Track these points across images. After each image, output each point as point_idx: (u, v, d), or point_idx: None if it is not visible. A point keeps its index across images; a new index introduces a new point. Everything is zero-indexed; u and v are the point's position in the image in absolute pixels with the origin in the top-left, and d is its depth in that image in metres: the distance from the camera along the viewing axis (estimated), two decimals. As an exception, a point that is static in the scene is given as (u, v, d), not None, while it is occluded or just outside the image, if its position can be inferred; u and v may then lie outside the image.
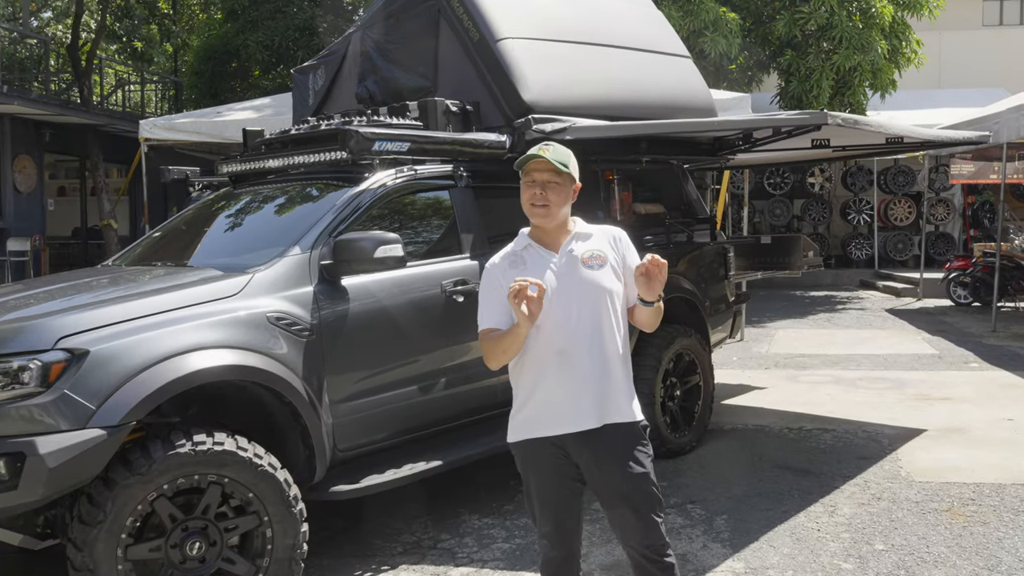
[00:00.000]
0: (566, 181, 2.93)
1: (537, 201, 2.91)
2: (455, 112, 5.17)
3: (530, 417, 2.97)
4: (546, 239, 2.97)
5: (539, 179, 2.90)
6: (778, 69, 15.96)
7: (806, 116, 4.88)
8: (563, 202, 2.93)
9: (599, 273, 2.91)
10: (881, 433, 6.34)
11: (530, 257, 2.97)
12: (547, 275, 2.90)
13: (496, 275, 2.97)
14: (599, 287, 2.90)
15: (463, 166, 5.03)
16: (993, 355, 9.11)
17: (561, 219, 2.96)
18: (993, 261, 12.37)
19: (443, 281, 4.63)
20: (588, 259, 2.92)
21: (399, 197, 4.74)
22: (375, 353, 4.34)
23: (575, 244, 2.95)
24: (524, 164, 2.93)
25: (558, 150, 2.93)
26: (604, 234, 3.02)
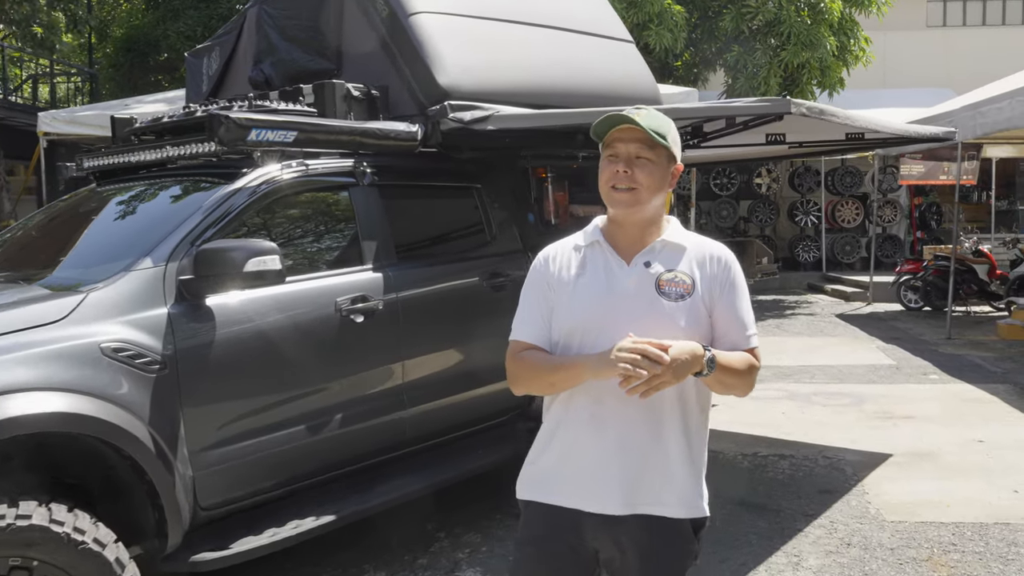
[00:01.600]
0: (662, 158, 2.19)
1: (620, 183, 2.17)
2: (358, 97, 4.40)
3: (547, 474, 2.27)
4: (622, 239, 2.24)
5: (624, 152, 2.17)
6: (724, 66, 15.47)
7: (767, 104, 4.23)
8: (656, 187, 2.19)
9: (677, 307, 2.15)
10: (843, 460, 5.72)
11: (592, 259, 2.24)
12: (601, 291, 2.19)
13: (546, 272, 2.27)
14: (671, 328, 2.12)
15: (367, 161, 4.27)
16: (952, 365, 8.60)
17: (651, 213, 2.22)
18: (944, 265, 11.97)
19: (338, 298, 3.87)
20: (667, 283, 2.17)
21: (285, 197, 3.95)
22: (249, 388, 3.56)
23: (656, 257, 2.21)
24: (604, 130, 2.19)
25: (653, 115, 2.20)
26: (702, 251, 2.23)
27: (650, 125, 2.15)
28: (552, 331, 2.23)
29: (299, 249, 4.03)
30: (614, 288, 2.18)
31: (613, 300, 2.17)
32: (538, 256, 2.31)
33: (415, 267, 4.30)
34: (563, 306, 2.21)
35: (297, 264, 3.91)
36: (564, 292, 2.21)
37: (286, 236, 4.01)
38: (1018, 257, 11.96)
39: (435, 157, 4.62)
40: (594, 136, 2.23)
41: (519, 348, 2.25)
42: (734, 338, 2.20)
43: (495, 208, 4.83)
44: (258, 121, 3.69)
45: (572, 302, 2.20)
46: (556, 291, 2.23)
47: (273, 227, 3.94)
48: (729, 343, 2.20)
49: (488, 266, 4.61)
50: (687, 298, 2.16)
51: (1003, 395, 7.33)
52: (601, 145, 2.23)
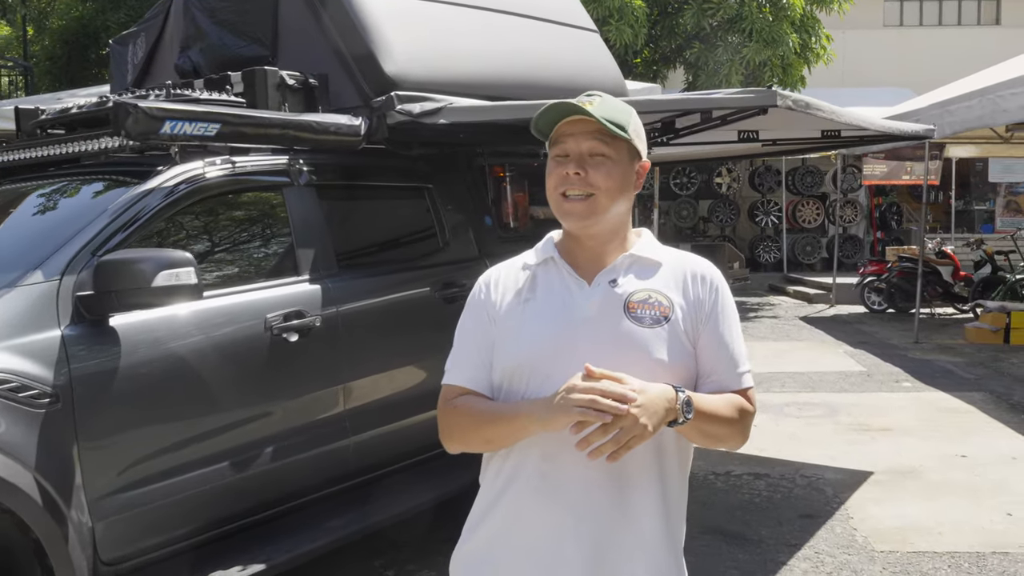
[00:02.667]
0: (623, 155, 1.76)
1: (572, 188, 1.73)
2: (293, 86, 3.91)
3: (484, 556, 1.79)
4: (581, 255, 1.80)
5: (575, 150, 1.74)
6: (685, 63, 15.18)
7: (751, 96, 3.82)
8: (618, 190, 1.75)
9: (653, 335, 1.71)
10: (822, 479, 5.36)
11: (544, 280, 1.80)
12: (555, 318, 1.75)
13: (487, 300, 1.82)
14: (645, 361, 1.70)
15: (303, 158, 3.79)
16: (924, 372, 8.32)
17: (613, 223, 1.78)
18: (908, 266, 11.77)
19: (268, 315, 3.39)
20: (639, 305, 1.73)
21: (208, 200, 3.46)
22: (162, 421, 3.07)
23: (625, 274, 1.77)
24: (549, 124, 1.76)
25: (609, 103, 1.77)
26: (681, 268, 1.81)
27: (606, 115, 1.72)
28: (494, 372, 1.78)
29: (223, 259, 3.54)
30: (572, 313, 1.73)
31: (570, 328, 1.72)
32: (478, 281, 1.86)
33: (358, 277, 3.83)
34: (508, 339, 1.76)
35: (221, 276, 3.42)
36: (509, 323, 1.77)
37: (208, 244, 3.52)
38: (982, 258, 11.79)
39: (381, 154, 4.15)
40: (536, 132, 1.79)
41: (452, 394, 1.80)
42: (722, 377, 1.77)
43: (448, 211, 4.37)
44: (173, 112, 3.19)
45: (519, 334, 1.75)
46: (499, 323, 1.78)
47: (193, 234, 3.45)
48: (716, 383, 1.76)
49: (440, 275, 4.16)
50: (664, 323, 1.72)
51: (980, 404, 7.05)
52: (548, 144, 1.79)
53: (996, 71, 10.27)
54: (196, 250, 3.39)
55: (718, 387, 1.76)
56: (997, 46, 18.64)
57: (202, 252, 3.45)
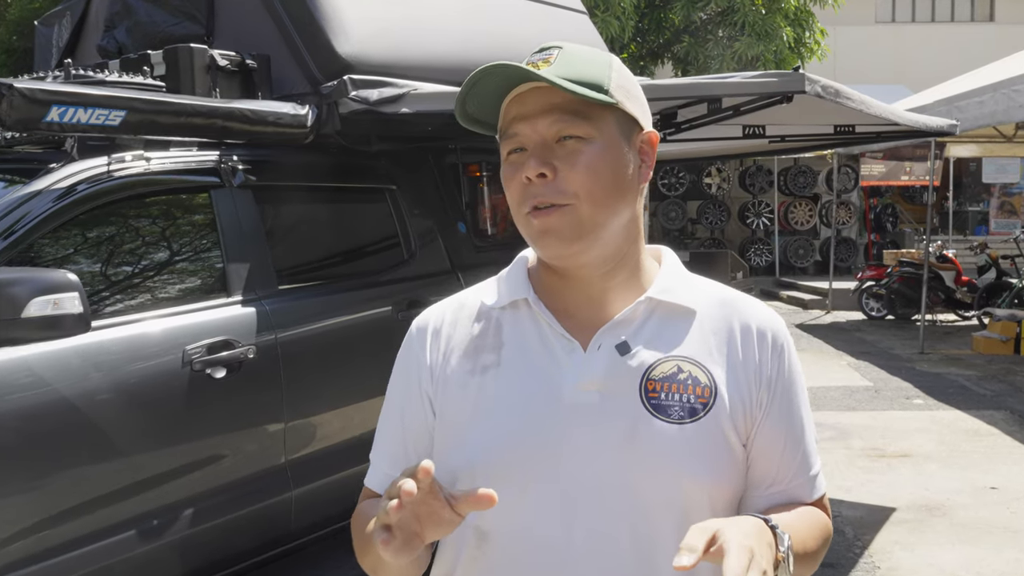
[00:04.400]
0: (609, 130, 1.11)
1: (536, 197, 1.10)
2: (227, 68, 3.28)
3: None
4: (570, 297, 1.17)
5: (532, 138, 1.10)
6: (673, 58, 14.63)
7: (774, 80, 3.21)
8: (609, 190, 1.10)
9: (681, 435, 1.09)
10: (840, 516, 4.76)
11: (515, 335, 1.16)
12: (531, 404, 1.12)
13: (421, 357, 1.20)
14: (670, 476, 1.09)
15: (237, 154, 3.16)
16: (935, 387, 7.75)
17: (611, 244, 1.14)
18: (909, 271, 11.23)
19: (188, 346, 2.75)
20: (664, 385, 1.11)
21: (113, 204, 2.82)
22: (47, 483, 2.44)
23: (640, 332, 1.14)
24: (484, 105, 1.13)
25: (574, 55, 1.11)
26: (723, 316, 1.18)
27: (571, 72, 1.08)
28: (437, 472, 1.15)
29: (132, 279, 2.90)
30: (557, 397, 1.11)
31: (554, 422, 1.10)
32: (411, 329, 1.24)
33: (303, 297, 3.20)
34: (454, 432, 1.14)
35: (128, 300, 2.79)
36: (457, 405, 1.15)
37: (113, 260, 2.88)
38: (987, 263, 11.26)
39: (335, 150, 3.53)
40: (469, 123, 1.16)
41: (363, 498, 1.22)
42: (791, 486, 1.16)
43: (415, 216, 3.74)
44: (61, 95, 2.55)
45: (472, 426, 1.13)
46: (441, 402, 1.16)
47: (92, 247, 2.81)
48: (779, 495, 1.16)
49: (404, 292, 3.53)
50: (702, 414, 1.10)
51: (1002, 425, 6.47)
52: (497, 137, 1.15)
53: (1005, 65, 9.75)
54: (96, 268, 2.76)
55: (782, 500, 1.16)
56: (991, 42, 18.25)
57: (104, 271, 2.81)
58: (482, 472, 1.09)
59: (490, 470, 1.09)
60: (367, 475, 1.23)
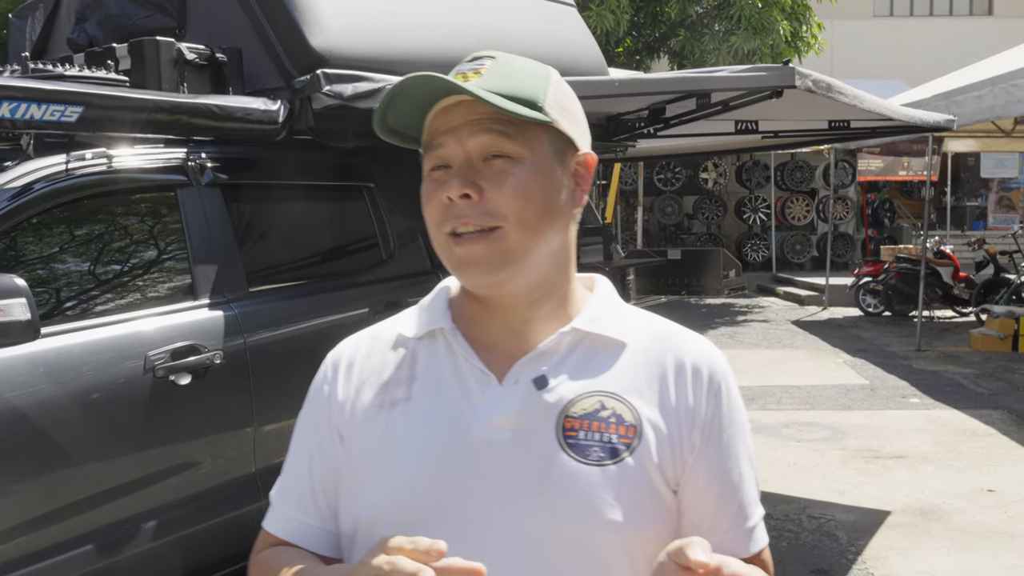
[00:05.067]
0: (541, 150, 1.02)
1: (459, 220, 0.99)
2: (195, 62, 3.16)
3: None
4: (491, 327, 1.07)
5: (457, 154, 1.00)
6: (669, 52, 14.50)
7: (763, 74, 3.10)
8: (540, 214, 1.01)
9: (600, 478, 0.99)
10: (833, 520, 4.66)
11: (429, 368, 1.06)
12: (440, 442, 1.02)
13: (332, 396, 1.09)
14: (588, 523, 0.98)
15: (206, 152, 3.04)
16: (932, 386, 7.65)
17: (538, 272, 1.04)
18: (907, 267, 11.13)
19: (150, 352, 2.64)
20: (580, 422, 1.01)
21: (72, 204, 2.71)
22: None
23: (560, 365, 1.04)
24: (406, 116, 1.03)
25: (507, 66, 1.02)
26: (656, 351, 1.08)
27: (501, 86, 0.98)
28: (341, 518, 1.06)
29: (91, 282, 2.78)
30: (466, 435, 1.01)
31: (463, 463, 1.00)
32: (326, 360, 1.13)
33: (274, 300, 3.09)
34: (359, 475, 1.04)
35: (87, 304, 2.67)
36: (364, 444, 1.05)
37: (71, 263, 2.76)
38: (984, 259, 11.15)
39: (310, 147, 3.41)
40: (388, 135, 1.05)
41: (264, 544, 1.10)
42: (726, 537, 1.04)
43: (394, 215, 3.63)
44: (12, 90, 2.43)
45: (378, 467, 1.03)
46: (349, 442, 1.06)
47: (48, 250, 2.69)
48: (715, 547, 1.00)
49: (382, 293, 3.42)
50: (625, 455, 1.00)
51: (999, 425, 6.37)
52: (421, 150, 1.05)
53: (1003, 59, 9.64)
54: (53, 271, 2.64)
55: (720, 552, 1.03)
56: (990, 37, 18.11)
57: (62, 274, 2.69)
58: (382, 520, 0.98)
59: (390, 518, 0.98)
60: (267, 517, 1.11)
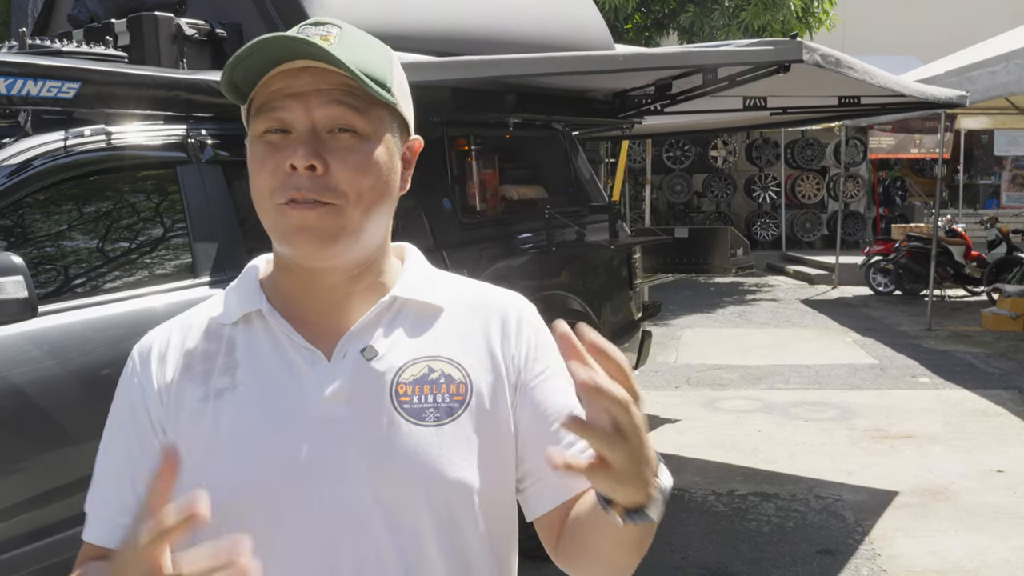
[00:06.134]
0: (384, 130, 1.00)
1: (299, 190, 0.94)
2: (194, 38, 3.12)
3: None
4: (310, 304, 1.04)
5: (302, 121, 0.96)
6: (678, 29, 14.36)
7: (770, 48, 3.04)
8: (379, 196, 0.99)
9: (438, 437, 0.99)
10: (841, 500, 4.64)
11: (249, 352, 1.03)
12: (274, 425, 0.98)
13: (146, 389, 1.03)
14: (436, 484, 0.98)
15: (207, 129, 3.01)
16: (942, 365, 7.60)
17: (365, 250, 1.02)
18: (918, 246, 11.04)
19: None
20: (411, 387, 1.00)
21: (70, 181, 2.68)
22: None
23: (385, 335, 1.03)
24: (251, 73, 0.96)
25: (355, 38, 0.98)
26: (472, 310, 1.09)
27: (357, 60, 0.95)
28: None
29: (90, 260, 2.76)
30: (302, 412, 0.99)
31: (300, 443, 0.98)
32: (133, 354, 1.08)
33: (276, 279, 3.06)
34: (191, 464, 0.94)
35: (85, 283, 2.65)
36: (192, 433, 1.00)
37: (69, 241, 2.74)
38: (997, 237, 11.05)
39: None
40: (229, 91, 1.00)
41: (84, 558, 1.05)
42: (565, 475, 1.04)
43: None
44: (8, 66, 2.40)
45: (213, 458, 0.99)
46: (173, 429, 1.02)
47: (47, 227, 2.67)
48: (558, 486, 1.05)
49: (386, 272, 3.39)
50: (460, 412, 1.01)
51: (1009, 405, 6.33)
52: (247, 109, 1.02)
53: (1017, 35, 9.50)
54: (52, 249, 2.63)
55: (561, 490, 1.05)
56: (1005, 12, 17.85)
57: (61, 252, 2.67)
58: (226, 511, 0.93)
59: (235, 508, 0.95)
60: (86, 529, 1.05)
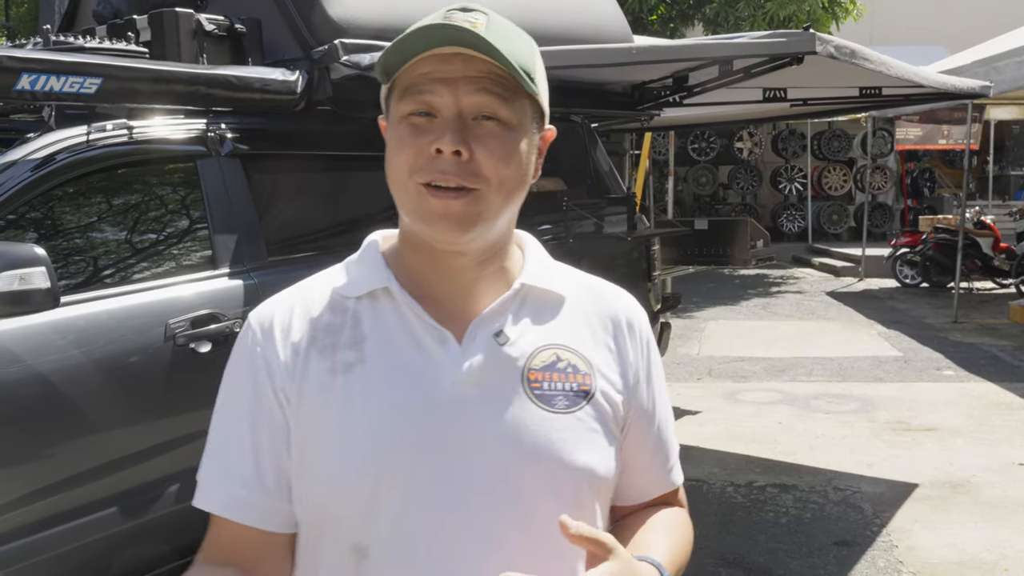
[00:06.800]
0: (525, 121, 1.01)
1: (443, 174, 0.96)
2: (214, 33, 3.17)
3: None
4: (438, 285, 1.05)
5: (449, 106, 0.97)
6: (703, 20, 14.30)
7: (783, 40, 3.05)
8: (516, 185, 1.01)
9: (568, 425, 1.02)
10: (859, 492, 4.63)
11: (377, 328, 1.03)
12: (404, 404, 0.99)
13: (268, 360, 1.03)
14: (562, 472, 1.01)
15: (226, 123, 3.06)
16: (967, 358, 7.54)
17: (496, 236, 1.04)
18: (945, 238, 10.94)
19: (171, 320, 2.68)
20: (545, 373, 1.03)
21: (93, 175, 2.75)
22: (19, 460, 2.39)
23: (514, 321, 1.05)
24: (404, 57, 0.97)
25: (503, 27, 0.98)
26: (592, 303, 1.11)
27: (507, 49, 0.95)
28: (295, 498, 1.03)
29: (113, 251, 2.82)
30: (435, 393, 1.00)
31: (435, 420, 0.99)
32: (251, 324, 1.06)
33: (294, 269, 3.09)
34: (322, 434, 1.00)
35: (109, 273, 2.72)
36: (320, 404, 1.01)
37: (92, 232, 2.81)
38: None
39: (330, 117, 3.42)
40: (381, 74, 1.01)
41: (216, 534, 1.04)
42: (650, 479, 1.15)
43: (415, 185, 3.63)
44: (32, 63, 2.46)
45: (343, 428, 0.99)
46: (298, 399, 1.01)
47: (71, 219, 2.74)
48: (639, 489, 1.14)
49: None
50: (584, 402, 1.03)
51: (1034, 398, 6.28)
52: (389, 89, 1.02)
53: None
54: (76, 240, 2.70)
55: (648, 492, 1.15)
56: (1037, 1, 17.58)
57: (84, 243, 2.74)
58: (359, 482, 0.98)
59: (370, 478, 0.98)
60: (196, 496, 1.04)
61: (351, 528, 0.98)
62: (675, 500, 1.18)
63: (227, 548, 1.03)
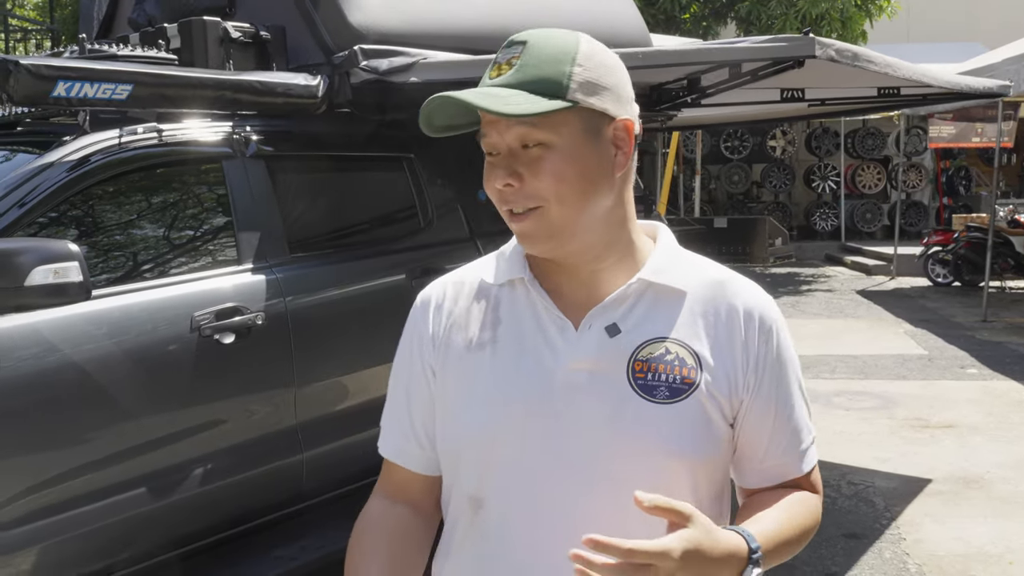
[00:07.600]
0: (573, 130, 1.11)
1: (511, 202, 1.13)
2: (240, 40, 3.33)
3: None
4: (564, 279, 1.20)
5: (499, 144, 1.12)
6: (736, 18, 14.28)
7: (782, 45, 3.13)
8: (577, 189, 1.12)
9: (666, 415, 1.13)
10: (872, 487, 4.70)
11: (511, 313, 1.21)
12: (523, 380, 1.17)
13: (425, 332, 1.25)
14: (653, 454, 1.14)
15: (251, 126, 3.22)
16: (993, 357, 7.53)
17: (593, 233, 1.16)
18: (977, 236, 10.86)
19: (196, 313, 2.84)
20: (650, 366, 1.15)
21: (124, 176, 2.92)
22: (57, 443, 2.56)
23: (629, 314, 1.17)
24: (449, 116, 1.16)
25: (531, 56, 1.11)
26: (714, 298, 1.20)
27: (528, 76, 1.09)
28: (438, 438, 1.24)
29: (142, 247, 3.00)
30: (549, 376, 1.15)
31: (545, 401, 1.15)
32: (416, 301, 1.30)
33: (314, 265, 3.27)
34: (454, 400, 1.21)
35: (139, 268, 2.89)
36: (456, 374, 1.21)
37: (124, 230, 2.98)
38: (1060, 228, 10.81)
39: (350, 120, 3.57)
40: (432, 131, 1.18)
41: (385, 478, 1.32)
42: (780, 462, 1.23)
43: (434, 184, 3.77)
44: (66, 70, 2.63)
45: (468, 402, 1.19)
46: (441, 377, 1.22)
47: (103, 217, 2.91)
48: (770, 471, 1.23)
49: (420, 260, 3.57)
50: (687, 394, 1.14)
51: (1057, 397, 6.27)
52: None
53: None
54: (108, 237, 2.87)
55: (772, 476, 1.23)
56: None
57: (116, 240, 2.92)
58: (479, 443, 1.18)
59: (486, 441, 1.17)
60: (381, 440, 1.31)
61: (471, 482, 1.19)
62: (806, 484, 1.24)
63: (398, 485, 1.29)
